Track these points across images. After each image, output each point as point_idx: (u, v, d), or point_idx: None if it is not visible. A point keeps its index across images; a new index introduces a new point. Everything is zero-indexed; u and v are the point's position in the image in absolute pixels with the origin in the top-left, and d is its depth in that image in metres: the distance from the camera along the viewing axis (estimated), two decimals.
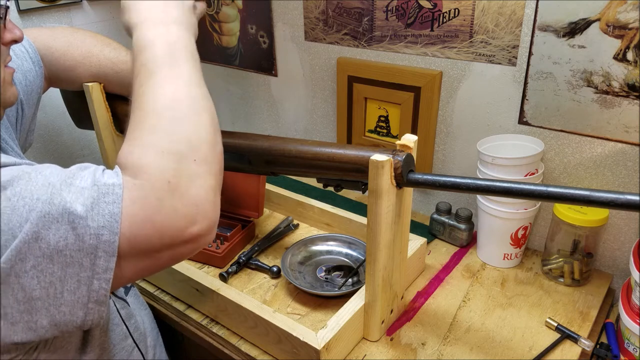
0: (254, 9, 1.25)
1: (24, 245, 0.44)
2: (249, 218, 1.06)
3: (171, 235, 0.48)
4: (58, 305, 0.47)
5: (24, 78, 0.77)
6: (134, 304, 0.80)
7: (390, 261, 0.76)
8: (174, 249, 0.49)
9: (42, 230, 0.44)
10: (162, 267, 0.51)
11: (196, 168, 0.51)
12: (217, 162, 0.54)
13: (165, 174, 0.48)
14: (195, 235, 0.50)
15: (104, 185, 0.47)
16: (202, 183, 0.51)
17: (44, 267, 0.45)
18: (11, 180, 0.46)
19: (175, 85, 0.54)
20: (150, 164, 0.49)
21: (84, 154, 1.36)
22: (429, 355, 0.77)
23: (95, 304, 0.48)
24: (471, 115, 1.00)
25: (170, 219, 0.48)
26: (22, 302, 0.46)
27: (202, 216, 0.50)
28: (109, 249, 0.46)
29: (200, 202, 0.50)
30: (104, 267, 0.46)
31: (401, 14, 1.00)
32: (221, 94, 1.46)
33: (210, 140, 0.54)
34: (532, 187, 0.59)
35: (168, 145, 0.50)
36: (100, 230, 0.45)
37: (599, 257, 0.94)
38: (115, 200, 0.46)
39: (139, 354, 0.76)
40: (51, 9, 1.21)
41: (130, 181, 0.48)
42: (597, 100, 0.84)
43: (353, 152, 0.73)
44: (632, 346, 0.76)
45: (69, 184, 0.47)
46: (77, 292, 0.47)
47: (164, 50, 0.56)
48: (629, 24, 0.77)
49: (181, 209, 0.48)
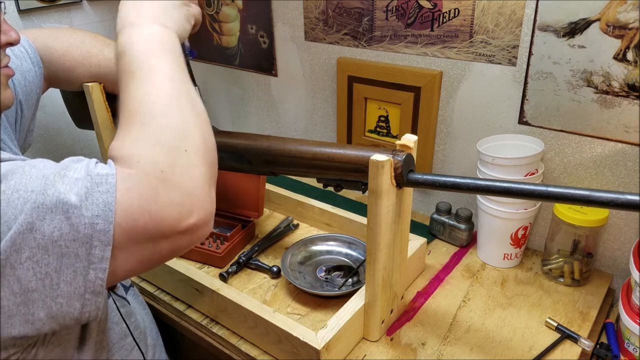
0: (254, 9, 1.25)
1: (19, 236, 0.44)
2: (249, 218, 1.06)
3: (168, 225, 0.49)
4: (55, 296, 0.47)
5: (23, 78, 0.77)
6: (133, 303, 0.80)
7: (390, 261, 0.76)
8: (172, 240, 0.50)
9: (36, 221, 0.45)
10: (160, 259, 0.52)
11: (187, 158, 0.51)
12: (209, 153, 0.55)
13: (157, 164, 0.49)
14: (192, 226, 0.50)
15: (97, 175, 0.47)
16: (195, 173, 0.51)
17: (39, 258, 0.45)
18: (5, 174, 0.46)
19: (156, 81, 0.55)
20: (142, 155, 0.49)
21: (84, 154, 1.36)
22: (429, 355, 0.77)
23: (92, 295, 0.48)
24: (471, 115, 1.00)
25: (165, 208, 0.48)
26: (18, 294, 0.46)
27: (197, 206, 0.50)
28: (104, 238, 0.46)
29: (194, 191, 0.51)
30: (100, 256, 0.47)
31: (401, 14, 1.00)
32: (221, 94, 1.46)
33: (199, 131, 0.54)
34: (532, 187, 0.59)
35: (158, 137, 0.51)
36: (94, 219, 0.46)
37: (599, 257, 0.94)
38: (109, 190, 0.46)
39: (139, 352, 0.76)
40: (51, 9, 1.21)
41: (125, 171, 0.48)
42: (597, 100, 0.84)
43: (353, 152, 0.73)
44: (632, 346, 0.76)
45: (63, 175, 0.47)
46: (73, 282, 0.47)
47: (138, 50, 0.57)
48: (629, 24, 0.77)
49: (176, 198, 0.49)
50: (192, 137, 0.53)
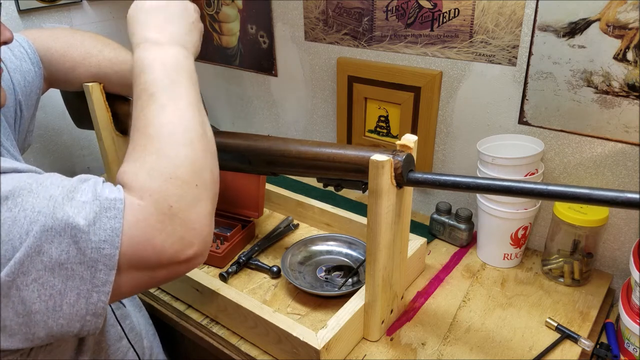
0: (254, 9, 1.25)
1: (27, 258, 0.44)
2: (249, 218, 1.06)
3: (168, 256, 0.50)
4: (56, 318, 0.47)
5: (23, 79, 0.77)
6: (129, 305, 0.80)
7: (390, 261, 0.76)
8: (170, 268, 0.51)
9: (44, 244, 0.45)
10: (157, 284, 0.53)
11: (197, 193, 0.52)
12: (215, 188, 0.56)
13: (168, 199, 0.50)
14: (191, 257, 0.51)
15: (105, 199, 0.47)
16: (202, 207, 0.52)
17: (45, 280, 0.45)
18: (12, 191, 0.46)
19: (176, 111, 0.55)
20: (155, 189, 0.50)
21: (84, 154, 1.36)
22: (429, 355, 0.77)
23: (93, 317, 0.48)
24: (471, 115, 1.00)
25: (169, 241, 0.49)
26: (21, 316, 0.46)
27: (198, 239, 0.51)
28: (110, 262, 0.47)
29: (198, 226, 0.51)
30: (104, 280, 0.47)
31: (401, 14, 1.00)
32: (221, 94, 1.46)
33: (209, 165, 0.55)
34: (532, 186, 0.59)
35: (174, 171, 0.51)
36: (101, 244, 0.46)
37: (599, 257, 0.94)
38: (117, 215, 0.47)
39: (135, 354, 0.76)
40: (51, 9, 1.21)
41: (135, 202, 0.49)
42: (597, 100, 0.84)
43: (353, 152, 0.73)
44: (632, 346, 0.76)
45: (71, 198, 0.47)
46: (76, 305, 0.47)
47: (163, 73, 0.56)
48: (629, 24, 0.77)
49: (180, 232, 0.50)
50: (204, 171, 0.54)
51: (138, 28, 0.61)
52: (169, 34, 0.60)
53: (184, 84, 0.57)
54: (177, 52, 0.59)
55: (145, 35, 0.59)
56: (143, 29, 0.60)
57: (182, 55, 0.60)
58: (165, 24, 0.61)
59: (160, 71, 0.56)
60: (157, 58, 0.57)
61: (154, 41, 0.59)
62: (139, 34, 0.60)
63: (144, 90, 0.56)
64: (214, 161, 0.57)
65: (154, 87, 0.55)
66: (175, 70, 0.57)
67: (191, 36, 0.63)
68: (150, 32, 0.60)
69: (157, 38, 0.59)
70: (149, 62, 0.57)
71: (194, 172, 0.52)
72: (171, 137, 0.53)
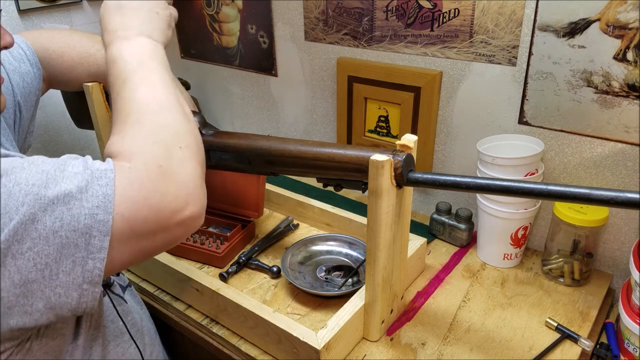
0: (254, 9, 1.25)
1: (21, 226, 0.45)
2: (249, 218, 1.06)
3: (166, 217, 0.51)
4: (53, 287, 0.48)
5: (22, 80, 0.77)
6: (131, 302, 0.80)
7: (390, 261, 0.76)
8: (168, 231, 0.52)
9: (38, 212, 0.46)
10: (155, 251, 0.54)
11: (183, 154, 0.55)
12: (199, 151, 0.58)
13: (156, 158, 0.52)
14: (188, 218, 0.53)
15: (96, 170, 0.49)
16: (190, 168, 0.55)
17: (40, 248, 0.46)
18: (6, 169, 0.47)
19: (150, 87, 0.58)
20: (141, 150, 0.52)
21: (84, 154, 1.35)
22: (429, 355, 0.77)
23: (90, 285, 0.49)
24: (471, 115, 1.00)
25: (165, 200, 0.51)
26: (18, 285, 0.47)
27: (192, 198, 0.53)
28: (103, 228, 0.48)
29: (190, 185, 0.54)
30: (99, 246, 0.48)
31: (401, 14, 1.00)
32: (221, 94, 1.46)
33: (190, 130, 0.58)
34: (532, 186, 0.59)
35: (155, 136, 0.54)
36: (94, 210, 0.47)
37: (599, 257, 0.94)
38: (108, 183, 0.48)
39: (136, 350, 0.76)
40: (51, 9, 1.21)
41: (125, 165, 0.51)
42: (597, 100, 0.84)
43: (353, 152, 0.73)
44: (632, 346, 0.76)
45: (62, 169, 0.49)
46: (72, 272, 0.48)
47: (132, 60, 0.60)
48: (629, 24, 0.77)
49: (174, 191, 0.52)
50: (185, 135, 0.56)
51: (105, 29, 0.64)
52: (133, 27, 0.63)
53: (155, 67, 0.60)
54: (144, 41, 0.62)
55: (113, 33, 0.62)
56: (109, 28, 0.63)
57: (149, 44, 0.62)
58: (127, 19, 0.63)
59: (129, 59, 0.59)
60: (125, 49, 0.60)
61: (122, 37, 0.62)
62: (107, 34, 0.63)
63: (117, 78, 0.59)
64: (194, 127, 0.59)
65: (125, 73, 0.58)
66: (144, 57, 0.61)
67: (156, 24, 0.65)
68: (116, 30, 0.62)
69: (124, 34, 0.62)
70: (119, 54, 0.60)
71: (176, 134, 0.55)
72: (148, 106, 0.56)
